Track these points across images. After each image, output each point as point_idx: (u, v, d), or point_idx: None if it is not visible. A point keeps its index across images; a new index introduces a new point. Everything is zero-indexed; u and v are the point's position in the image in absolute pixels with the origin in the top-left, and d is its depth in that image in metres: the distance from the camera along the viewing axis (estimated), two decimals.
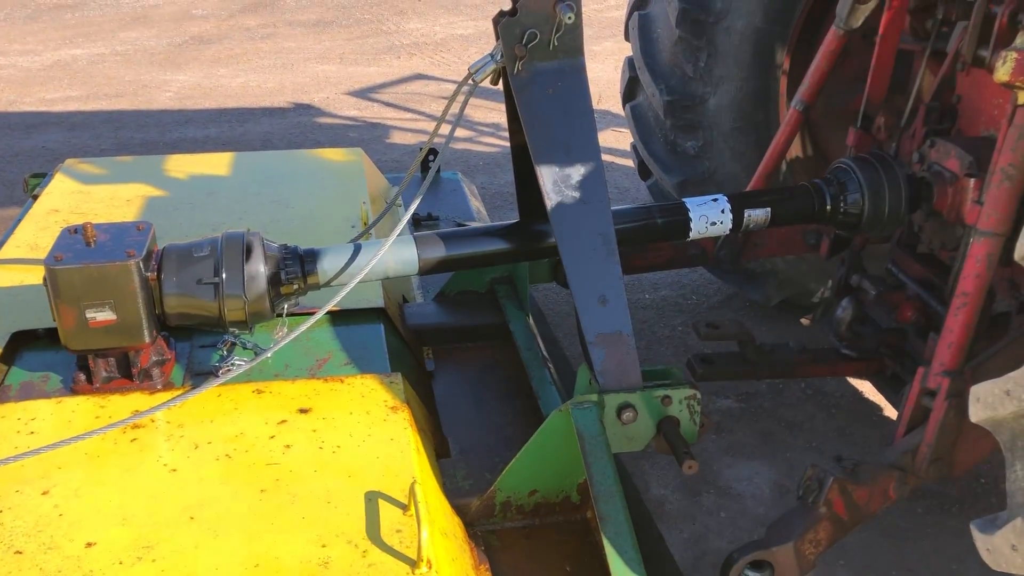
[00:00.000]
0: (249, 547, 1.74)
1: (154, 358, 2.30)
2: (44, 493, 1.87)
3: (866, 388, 3.69)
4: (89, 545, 1.73)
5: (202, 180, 3.58)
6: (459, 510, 2.13)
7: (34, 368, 2.36)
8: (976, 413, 1.77)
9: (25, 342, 2.45)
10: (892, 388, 2.91)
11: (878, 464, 2.23)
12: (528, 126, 2.26)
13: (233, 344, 2.46)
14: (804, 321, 4.23)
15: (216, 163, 3.77)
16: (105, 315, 2.15)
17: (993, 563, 1.76)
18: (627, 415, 2.13)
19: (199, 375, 2.33)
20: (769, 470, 3.22)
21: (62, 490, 1.88)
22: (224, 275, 2.19)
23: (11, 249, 2.94)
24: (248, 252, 2.23)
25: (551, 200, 2.22)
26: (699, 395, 2.16)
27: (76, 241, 2.19)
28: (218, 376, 2.22)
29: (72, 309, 2.12)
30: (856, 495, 2.17)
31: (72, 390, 2.23)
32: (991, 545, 1.74)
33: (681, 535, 2.90)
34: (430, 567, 1.70)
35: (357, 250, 2.39)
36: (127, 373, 2.26)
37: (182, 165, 3.73)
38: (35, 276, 2.73)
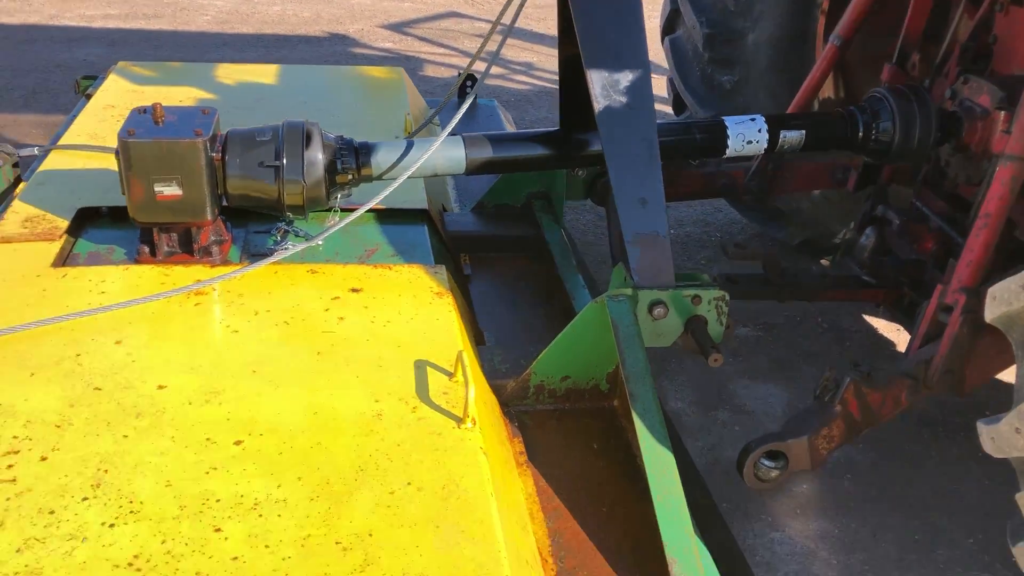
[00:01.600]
0: (308, 399, 1.89)
1: (213, 237, 2.43)
2: (117, 343, 2.02)
3: (880, 325, 3.81)
4: (161, 387, 1.88)
5: (250, 87, 3.70)
6: (495, 390, 2.28)
7: (99, 242, 2.50)
8: (991, 311, 1.89)
9: (90, 219, 2.59)
10: (909, 317, 3.03)
11: (893, 371, 2.36)
12: (581, 32, 2.36)
13: (286, 231, 2.59)
14: (824, 262, 4.34)
15: (264, 73, 3.88)
16: (172, 190, 2.28)
17: (996, 450, 1.88)
18: (658, 311, 2.26)
19: (255, 256, 2.47)
20: (782, 392, 3.36)
21: (133, 341, 2.03)
22: (285, 160, 2.31)
23: (72, 137, 3.08)
24: (308, 139, 2.35)
25: (599, 104, 2.32)
26: (727, 297, 2.28)
27: (146, 120, 2.31)
28: (273, 255, 2.36)
29: (141, 182, 2.26)
30: (870, 398, 2.30)
31: (136, 261, 2.38)
32: (995, 433, 1.86)
33: (696, 444, 3.05)
34: (474, 424, 1.85)
35: (409, 146, 2.51)
36: (188, 249, 2.40)
37: (231, 73, 3.84)
38: (96, 162, 2.87)
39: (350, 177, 2.44)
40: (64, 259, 2.37)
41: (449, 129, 2.43)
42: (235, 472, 1.67)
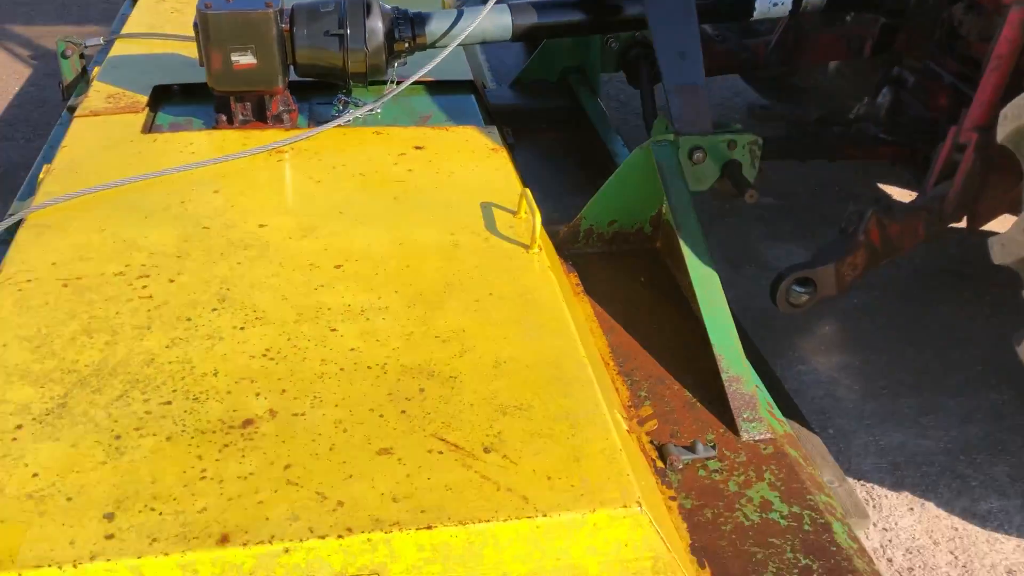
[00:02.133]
0: (391, 233, 2.12)
1: (282, 107, 2.63)
2: (215, 192, 2.25)
3: (894, 192, 4.02)
4: (261, 226, 2.12)
5: None
6: (548, 235, 2.51)
7: (177, 115, 2.71)
8: (1003, 131, 2.09)
9: (164, 96, 2.79)
10: (923, 173, 3.23)
11: (911, 205, 2.58)
12: None
13: (347, 102, 2.79)
14: None
15: None
16: (247, 59, 2.48)
17: (1004, 255, 2.11)
18: (697, 155, 2.47)
19: (321, 123, 2.67)
20: (803, 251, 3.58)
21: (229, 191, 2.26)
22: (348, 30, 2.51)
23: (132, 28, 3.25)
24: (368, 9, 2.54)
25: None
26: (760, 141, 2.49)
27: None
28: (340, 118, 2.57)
29: (220, 52, 2.45)
30: (890, 229, 2.52)
31: (215, 129, 2.59)
32: (1005, 239, 2.09)
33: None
34: (541, 250, 2.08)
35: (459, 15, 2.69)
36: (261, 117, 2.61)
37: None
38: (159, 48, 3.06)
39: (406, 45, 2.63)
40: (150, 128, 2.59)
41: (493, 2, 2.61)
42: (340, 288, 1.92)
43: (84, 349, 1.71)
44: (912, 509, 2.49)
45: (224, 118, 2.60)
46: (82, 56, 3.20)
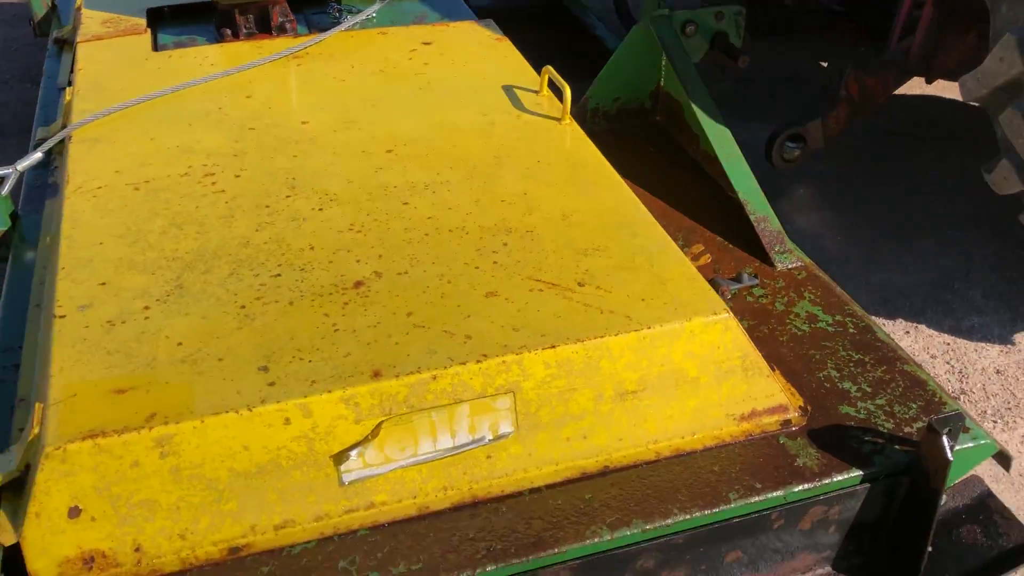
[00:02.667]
0: (428, 119, 2.23)
1: (282, 17, 2.69)
2: (248, 97, 2.32)
3: None
4: (303, 123, 2.21)
5: None
6: None
7: (177, 35, 2.73)
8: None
9: (157, 19, 2.80)
10: (879, 46, 3.46)
11: (881, 60, 2.80)
12: None
13: (340, 10, 2.86)
14: None
15: None
16: None
17: (977, 87, 2.33)
18: (690, 28, 2.64)
19: (320, 30, 2.73)
20: (766, 128, 3.81)
21: (261, 95, 2.33)
22: None
23: None
24: None
25: None
26: (744, 11, 2.67)
27: None
28: (345, 23, 2.64)
29: None
30: (867, 82, 2.74)
31: (223, 43, 2.63)
32: (979, 73, 2.32)
33: None
34: (571, 121, 2.22)
35: None
36: (265, 29, 2.67)
37: None
38: None
39: None
40: (157, 47, 2.61)
41: None
42: (398, 169, 2.03)
43: (179, 240, 1.80)
44: (908, 332, 2.77)
45: (229, 32, 2.64)
46: None
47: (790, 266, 2.12)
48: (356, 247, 1.78)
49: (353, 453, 1.46)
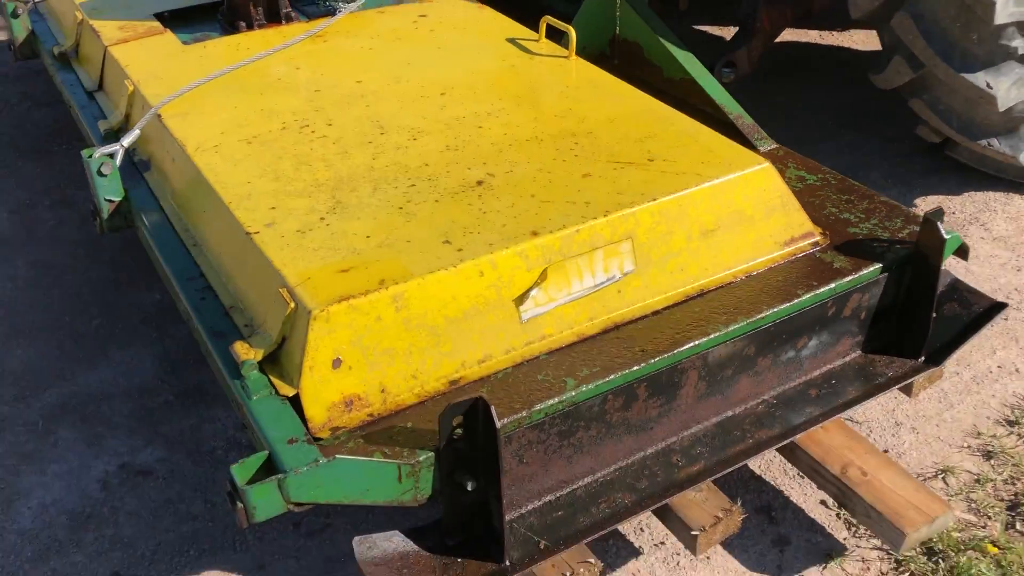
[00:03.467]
0: (458, 69, 2.63)
1: (285, 9, 3.02)
2: (297, 68, 2.65)
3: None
4: (358, 82, 2.57)
5: None
6: None
7: (190, 32, 2.99)
8: None
9: (162, 21, 3.05)
10: None
11: None
12: None
13: (328, 1, 3.20)
14: None
15: None
16: None
17: (865, 3, 2.98)
18: None
19: (315, 18, 3.06)
20: None
21: (307, 67, 2.67)
22: None
23: None
24: None
25: None
26: None
27: None
28: (345, 8, 3.00)
29: None
30: (773, 14, 3.36)
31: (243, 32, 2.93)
32: None
33: None
34: (576, 57, 2.69)
35: None
36: (274, 19, 2.99)
37: None
38: None
39: None
40: (183, 43, 2.88)
41: None
42: (458, 106, 2.43)
43: (313, 173, 2.14)
44: None
45: (243, 24, 2.95)
46: (15, 15, 3.32)
47: (769, 148, 2.66)
48: (461, 160, 2.18)
49: (529, 295, 1.86)
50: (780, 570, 2.14)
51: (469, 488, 1.67)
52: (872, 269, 2.12)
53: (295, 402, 1.70)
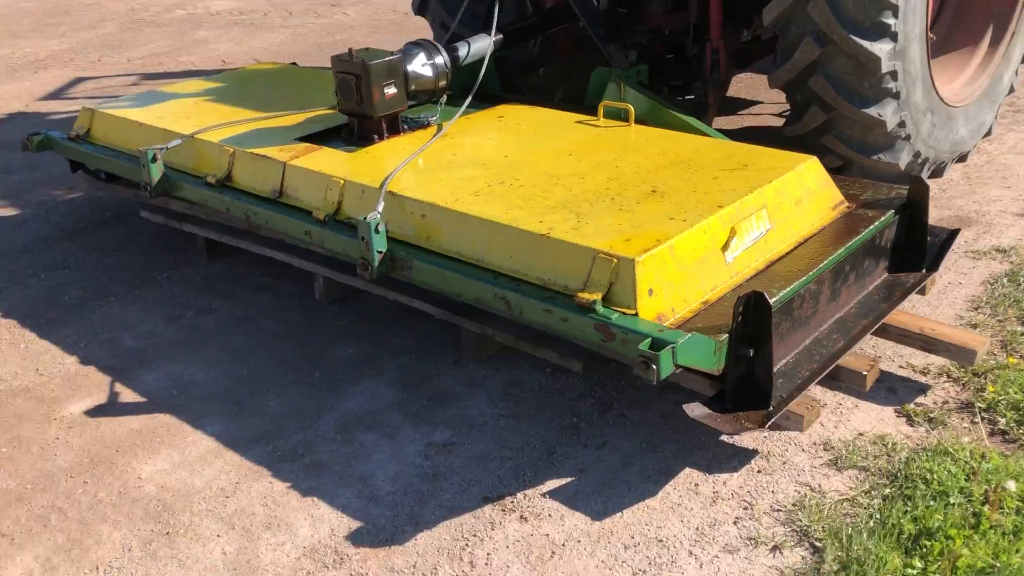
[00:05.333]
0: (562, 143, 3.69)
1: (403, 125, 3.96)
2: (454, 155, 3.59)
3: None
4: (505, 156, 3.55)
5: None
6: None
7: (337, 148, 3.83)
8: None
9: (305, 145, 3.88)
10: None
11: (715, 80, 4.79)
12: None
13: (426, 117, 4.12)
14: None
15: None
16: (391, 90, 3.80)
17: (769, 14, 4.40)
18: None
19: (415, 129, 4.01)
20: None
21: (462, 156, 3.61)
22: (443, 58, 3.96)
23: (192, 124, 4.14)
24: (436, 50, 4.01)
25: None
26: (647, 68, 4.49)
27: (354, 56, 3.75)
28: (431, 120, 3.99)
29: (377, 88, 3.74)
30: (717, 93, 4.70)
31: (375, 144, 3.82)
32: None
33: None
34: (635, 125, 3.84)
35: (459, 47, 4.24)
36: (395, 130, 3.91)
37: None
38: (235, 128, 4.07)
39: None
40: (346, 152, 3.74)
41: None
42: (586, 159, 3.47)
43: (544, 202, 3.09)
44: None
45: (376, 137, 3.85)
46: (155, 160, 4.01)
47: None
48: (626, 184, 3.22)
49: (729, 244, 2.91)
50: (899, 400, 3.18)
51: (749, 355, 2.65)
52: (890, 212, 3.35)
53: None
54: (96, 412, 3.38)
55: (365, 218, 3.10)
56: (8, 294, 4.35)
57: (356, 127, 3.91)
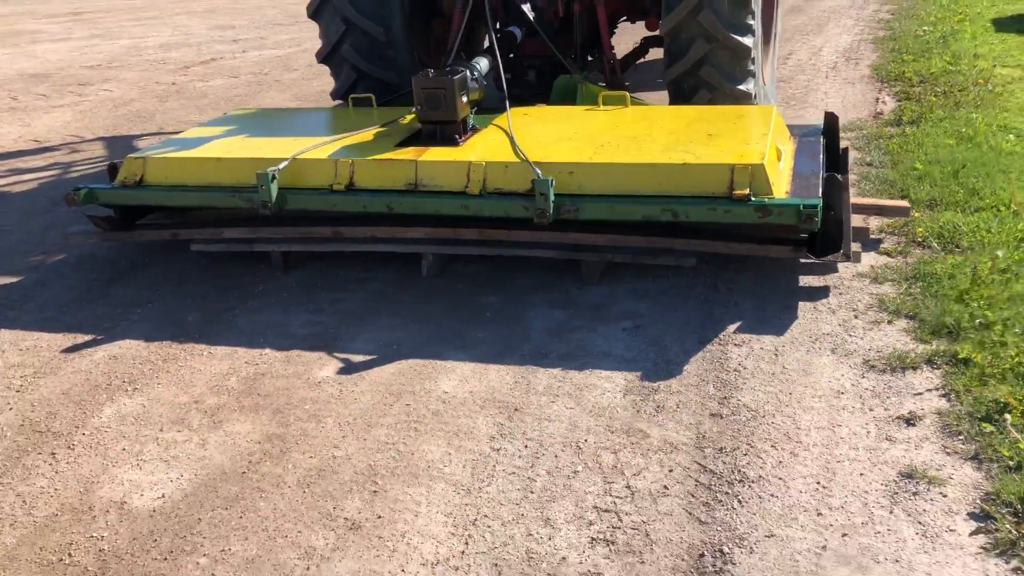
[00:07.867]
0: (587, 121, 5.04)
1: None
2: (531, 125, 4.78)
3: None
4: (569, 139, 4.82)
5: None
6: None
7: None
8: None
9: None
10: None
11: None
12: None
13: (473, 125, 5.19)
14: None
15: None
16: (464, 99, 4.90)
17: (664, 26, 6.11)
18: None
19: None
20: None
21: (536, 127, 4.80)
22: (477, 75, 5.10)
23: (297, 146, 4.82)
24: (480, 65, 5.15)
25: None
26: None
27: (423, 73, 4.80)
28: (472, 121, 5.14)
29: (460, 98, 4.81)
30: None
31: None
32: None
33: None
34: (631, 105, 5.29)
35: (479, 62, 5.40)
36: (451, 142, 4.96)
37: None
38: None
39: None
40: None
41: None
42: (614, 128, 4.89)
43: (602, 150, 4.43)
44: None
45: (457, 136, 4.90)
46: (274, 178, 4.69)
47: None
48: (655, 136, 4.71)
49: (781, 156, 4.48)
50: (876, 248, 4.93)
51: (831, 215, 4.23)
52: (820, 137, 5.14)
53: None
54: (346, 371, 4.08)
55: (543, 179, 4.23)
56: (125, 327, 4.63)
57: (439, 131, 4.92)
